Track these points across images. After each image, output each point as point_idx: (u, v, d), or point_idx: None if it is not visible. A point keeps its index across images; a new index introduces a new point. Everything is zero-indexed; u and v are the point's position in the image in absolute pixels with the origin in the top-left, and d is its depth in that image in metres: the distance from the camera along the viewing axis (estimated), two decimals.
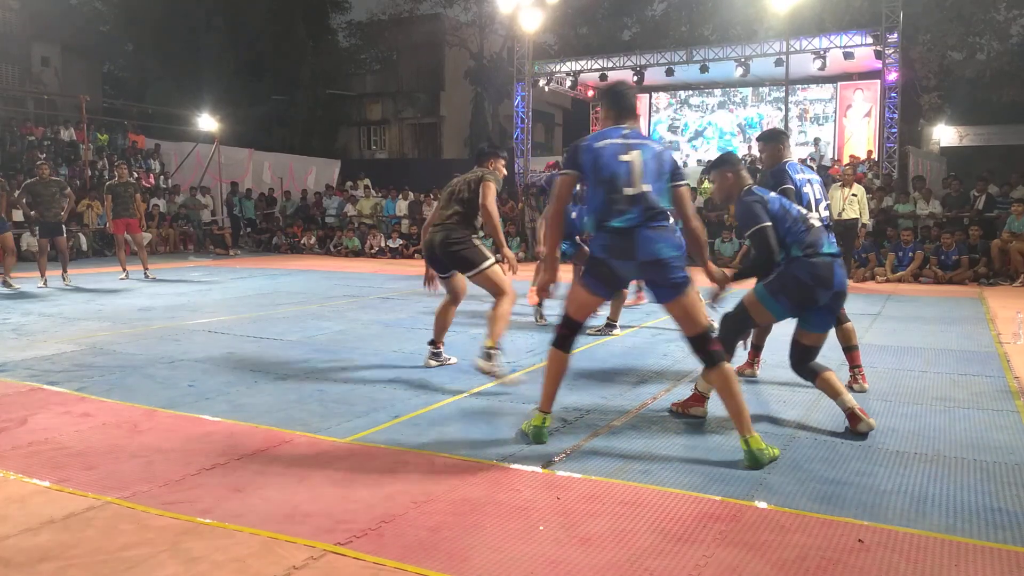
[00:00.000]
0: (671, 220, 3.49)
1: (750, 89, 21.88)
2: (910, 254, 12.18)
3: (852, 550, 2.55)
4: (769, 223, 3.84)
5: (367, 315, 7.91)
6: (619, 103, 3.68)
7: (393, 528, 2.70)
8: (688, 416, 4.10)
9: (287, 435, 3.77)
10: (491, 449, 3.56)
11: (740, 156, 19.71)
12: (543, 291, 3.82)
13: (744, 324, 4.11)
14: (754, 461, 3.32)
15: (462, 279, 5.18)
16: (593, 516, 2.81)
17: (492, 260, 4.97)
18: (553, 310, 7.67)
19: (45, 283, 10.40)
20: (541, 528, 2.71)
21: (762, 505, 2.92)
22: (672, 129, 23.25)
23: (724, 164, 4.18)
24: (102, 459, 3.42)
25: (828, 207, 4.76)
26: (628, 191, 3.40)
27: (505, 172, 5.36)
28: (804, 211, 4.01)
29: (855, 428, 3.80)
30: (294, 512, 2.84)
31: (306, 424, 3.95)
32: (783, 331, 4.86)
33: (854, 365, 4.78)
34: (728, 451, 3.56)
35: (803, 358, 4.00)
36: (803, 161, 18.18)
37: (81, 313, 7.97)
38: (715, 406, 4.30)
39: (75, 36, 30.50)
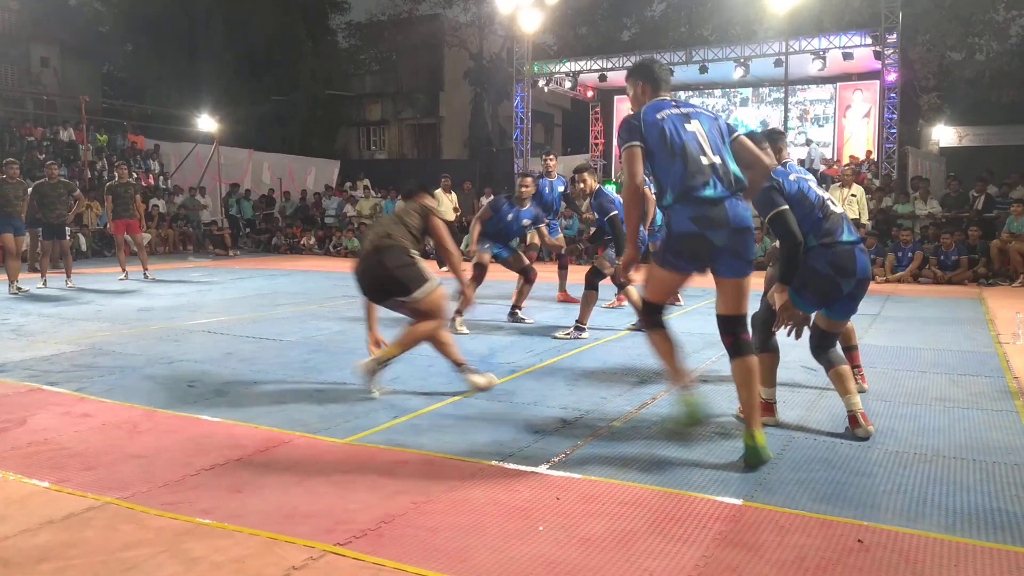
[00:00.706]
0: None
1: (750, 89, 21.89)
2: (909, 254, 12.19)
3: (852, 550, 2.55)
4: (786, 206, 3.67)
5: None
6: (653, 75, 3.63)
7: (392, 528, 2.70)
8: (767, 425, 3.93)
9: (286, 436, 3.77)
10: (490, 449, 3.56)
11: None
12: (625, 272, 3.75)
13: (775, 321, 3.95)
14: (756, 457, 3.31)
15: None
16: (592, 516, 2.81)
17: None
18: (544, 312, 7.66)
19: (45, 284, 10.41)
20: (541, 528, 2.71)
21: (761, 505, 2.92)
22: None
23: (764, 139, 4.00)
24: (101, 460, 3.41)
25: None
26: (704, 160, 3.37)
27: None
28: (824, 196, 3.87)
29: (853, 431, 3.78)
30: (293, 512, 2.84)
31: (305, 425, 3.94)
32: (783, 331, 4.85)
33: (854, 365, 4.72)
34: (727, 452, 3.56)
35: (821, 343, 3.94)
36: (801, 162, 18.25)
37: (80, 314, 7.96)
38: (719, 409, 4.31)
39: (74, 37, 30.50)
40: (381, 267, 4.50)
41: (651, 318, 3.63)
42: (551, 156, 8.58)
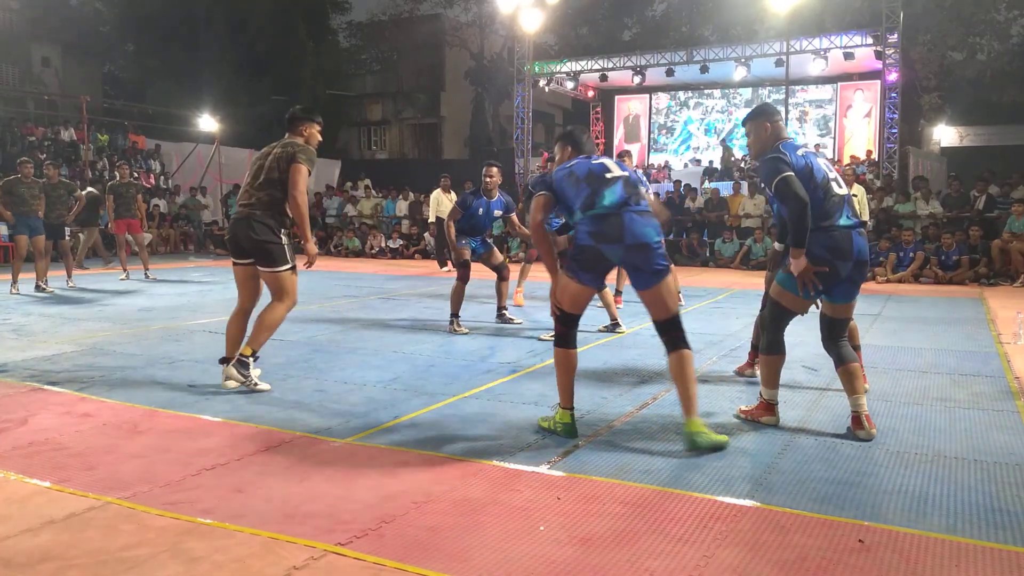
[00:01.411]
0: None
1: (750, 89, 21.89)
2: (911, 254, 12.19)
3: (853, 550, 2.55)
4: (791, 172, 3.64)
5: (367, 315, 7.91)
6: (576, 142, 3.98)
7: (393, 528, 2.70)
8: (760, 424, 3.99)
9: (287, 435, 3.77)
10: (491, 449, 3.56)
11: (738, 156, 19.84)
12: (553, 300, 3.81)
13: (781, 317, 3.91)
14: (691, 443, 3.53)
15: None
16: (593, 516, 2.81)
17: (291, 265, 4.81)
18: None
19: (46, 283, 10.40)
20: (541, 528, 2.71)
21: (762, 505, 2.92)
22: (670, 130, 23.28)
23: (761, 115, 4.00)
24: (102, 459, 3.42)
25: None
26: (608, 176, 3.66)
27: (320, 139, 4.99)
28: (831, 175, 3.79)
29: (855, 432, 3.77)
30: (294, 512, 2.84)
31: (306, 424, 3.95)
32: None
33: None
34: (729, 452, 3.56)
35: (831, 332, 3.90)
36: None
37: (81, 313, 7.97)
38: (716, 410, 4.31)
39: (76, 37, 30.53)
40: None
41: (561, 331, 3.78)
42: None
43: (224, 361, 4.77)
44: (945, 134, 25.01)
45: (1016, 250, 11.59)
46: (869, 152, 19.60)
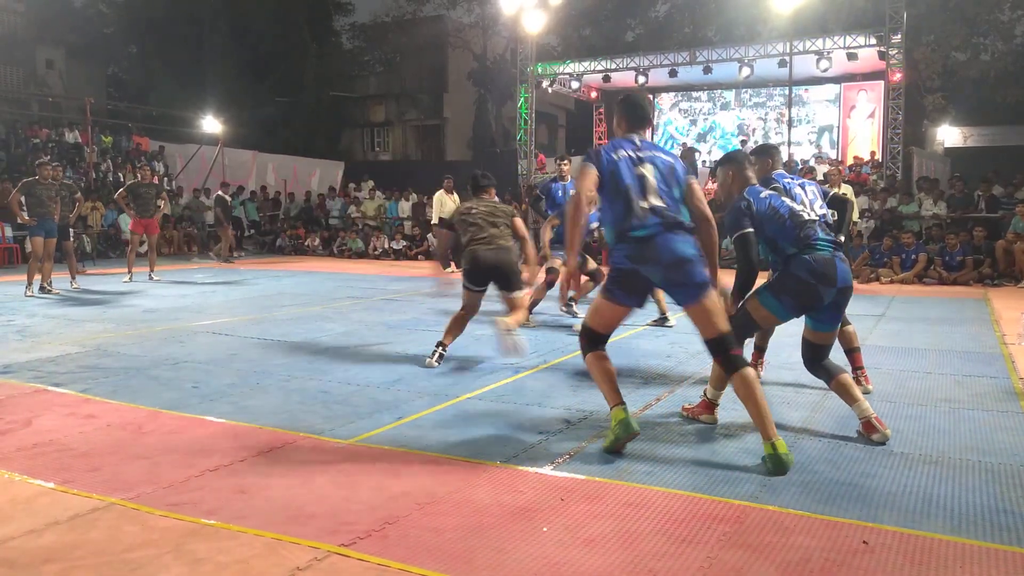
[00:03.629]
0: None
1: (753, 90, 21.88)
2: (914, 255, 12.16)
3: (856, 552, 2.54)
4: (751, 230, 3.81)
5: (371, 316, 7.91)
6: (633, 112, 3.82)
7: (397, 529, 2.70)
8: (699, 422, 4.07)
9: (291, 436, 3.77)
10: (495, 450, 3.56)
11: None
12: (567, 282, 4.02)
13: (748, 328, 4.02)
14: (779, 465, 3.29)
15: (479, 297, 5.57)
16: (597, 518, 2.81)
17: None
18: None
19: (51, 285, 10.42)
20: (545, 529, 2.71)
21: (766, 507, 2.92)
22: (677, 129, 23.29)
23: (728, 162, 4.19)
24: (106, 460, 3.42)
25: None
26: (643, 204, 3.49)
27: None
28: (798, 207, 3.87)
29: (869, 436, 3.73)
30: (298, 513, 2.84)
31: (310, 426, 3.95)
32: (786, 331, 4.85)
33: (856, 367, 4.75)
34: (732, 453, 3.56)
35: (814, 357, 3.95)
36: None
37: (85, 315, 7.99)
38: (719, 411, 4.31)
39: (79, 39, 30.61)
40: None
41: (585, 344, 3.74)
42: (566, 160, 8.72)
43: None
44: (949, 135, 24.95)
45: (1020, 251, 11.55)
46: (873, 153, 19.57)
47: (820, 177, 13.28)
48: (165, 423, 4.02)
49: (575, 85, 21.59)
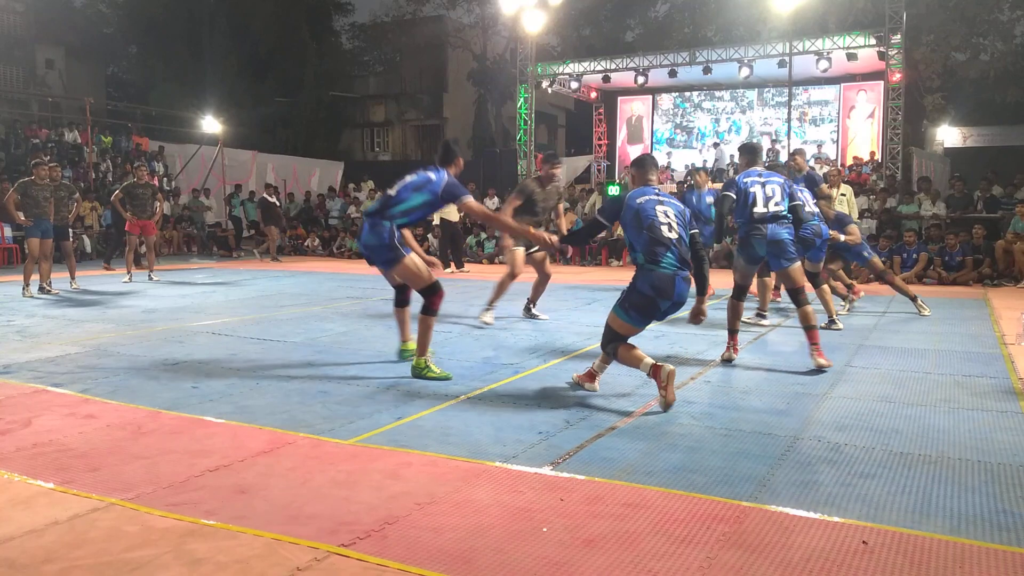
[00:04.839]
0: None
1: (755, 93, 21.87)
2: (914, 255, 12.17)
3: (856, 552, 2.54)
4: (604, 220, 4.57)
5: (370, 316, 7.91)
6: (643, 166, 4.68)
7: (396, 530, 2.70)
8: (583, 390, 4.64)
9: (290, 436, 3.77)
10: (494, 450, 3.56)
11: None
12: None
13: (613, 338, 4.47)
14: (414, 371, 4.74)
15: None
16: (596, 518, 2.81)
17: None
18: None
19: (50, 285, 10.42)
20: (544, 530, 2.71)
21: (766, 507, 2.92)
22: (680, 128, 23.30)
23: (633, 164, 4.77)
24: (106, 461, 3.42)
25: (792, 209, 5.58)
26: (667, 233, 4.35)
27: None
28: (662, 222, 4.34)
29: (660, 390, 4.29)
30: (298, 513, 2.84)
31: (309, 426, 3.95)
32: (784, 332, 4.85)
33: (812, 343, 5.37)
34: (732, 453, 3.56)
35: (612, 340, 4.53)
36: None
37: (85, 315, 7.98)
38: (719, 411, 4.31)
39: (79, 39, 30.64)
40: None
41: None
42: (702, 171, 9.35)
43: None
44: (948, 135, 24.96)
45: (1020, 251, 11.55)
46: (872, 153, 19.57)
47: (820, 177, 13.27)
48: (165, 423, 4.02)
49: (575, 85, 21.58)
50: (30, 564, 2.45)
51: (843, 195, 10.45)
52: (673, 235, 4.33)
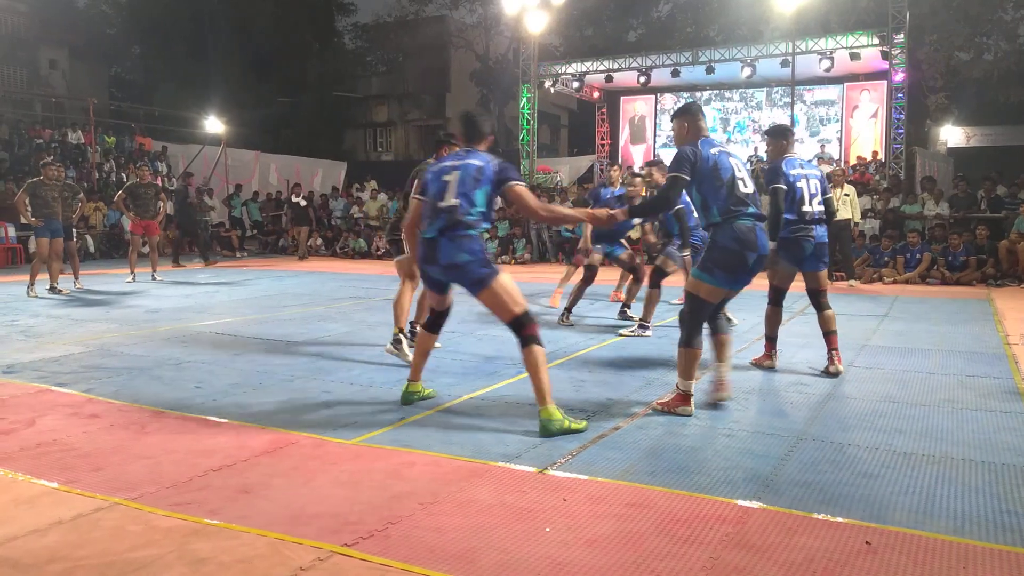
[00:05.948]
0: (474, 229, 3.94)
1: (764, 93, 21.85)
2: (918, 255, 12.15)
3: (859, 552, 2.54)
4: (687, 177, 4.06)
5: (373, 317, 7.91)
6: (468, 127, 4.17)
7: (399, 529, 2.71)
8: (675, 415, 4.17)
9: (294, 436, 3.77)
10: (497, 450, 3.56)
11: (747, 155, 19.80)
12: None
13: (699, 308, 4.16)
14: (544, 430, 3.75)
15: None
16: (599, 518, 2.81)
17: None
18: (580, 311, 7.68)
19: (59, 284, 10.44)
20: (547, 530, 2.71)
21: (769, 507, 2.92)
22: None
23: (683, 113, 4.32)
24: (110, 460, 3.43)
25: (825, 202, 5.22)
26: (440, 204, 3.96)
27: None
28: (740, 176, 4.10)
29: (715, 392, 4.35)
30: (301, 513, 2.84)
31: (312, 426, 3.95)
32: (789, 331, 4.85)
33: (831, 348, 5.19)
34: (734, 453, 3.55)
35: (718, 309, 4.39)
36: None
37: (89, 315, 8.00)
38: (722, 412, 4.30)
39: (83, 39, 30.70)
40: None
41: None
42: (616, 167, 8.96)
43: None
44: (952, 134, 24.92)
45: (1023, 250, 11.53)
46: (875, 153, 19.54)
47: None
48: (168, 423, 4.02)
49: (577, 85, 21.58)
50: (34, 564, 2.46)
51: (846, 195, 10.45)
52: (749, 189, 4.11)
